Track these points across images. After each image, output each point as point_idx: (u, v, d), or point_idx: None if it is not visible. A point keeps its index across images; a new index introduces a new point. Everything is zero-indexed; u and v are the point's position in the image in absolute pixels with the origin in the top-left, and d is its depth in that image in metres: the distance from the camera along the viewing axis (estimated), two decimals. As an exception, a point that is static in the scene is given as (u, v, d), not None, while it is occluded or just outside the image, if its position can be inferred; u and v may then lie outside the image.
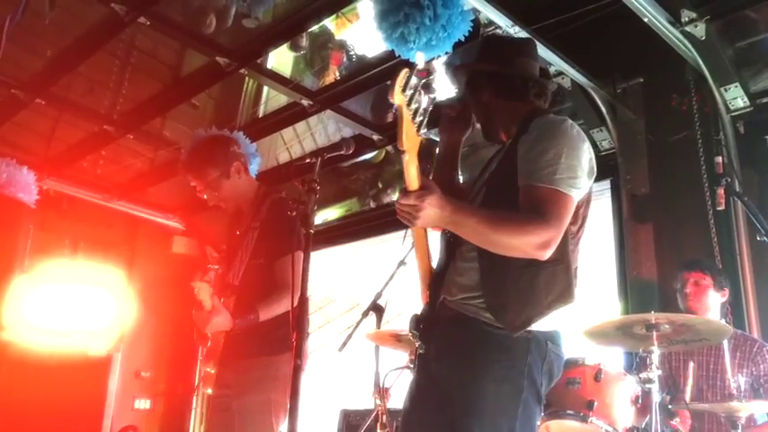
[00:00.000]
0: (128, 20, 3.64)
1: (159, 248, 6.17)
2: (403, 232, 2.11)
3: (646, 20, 3.23)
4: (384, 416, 3.10)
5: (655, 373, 2.50)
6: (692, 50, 3.42)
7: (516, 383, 1.78)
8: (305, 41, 5.42)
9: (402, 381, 3.05)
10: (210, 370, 2.88)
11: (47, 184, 5.25)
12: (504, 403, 1.77)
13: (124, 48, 5.36)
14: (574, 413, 2.68)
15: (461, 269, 1.90)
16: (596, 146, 4.13)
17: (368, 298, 3.06)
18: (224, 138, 3.04)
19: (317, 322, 7.80)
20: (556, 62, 3.66)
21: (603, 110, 4.03)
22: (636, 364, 3.11)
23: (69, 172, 5.48)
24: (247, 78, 5.63)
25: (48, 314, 4.27)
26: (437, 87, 2.02)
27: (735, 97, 3.65)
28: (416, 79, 1.62)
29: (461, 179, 2.20)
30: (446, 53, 3.05)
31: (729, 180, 2.96)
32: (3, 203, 4.41)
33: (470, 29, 3.14)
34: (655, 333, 2.51)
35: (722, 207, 2.89)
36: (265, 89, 6.00)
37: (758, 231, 2.83)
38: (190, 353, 5.84)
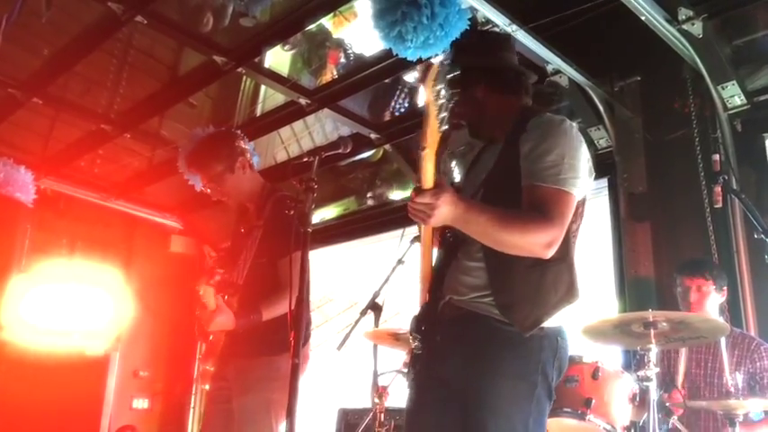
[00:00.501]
0: (125, 19, 3.63)
1: (157, 248, 6.16)
2: (401, 231, 2.12)
3: (643, 18, 3.23)
4: (382, 414, 3.10)
5: (652, 371, 2.50)
6: (690, 49, 3.43)
7: (530, 379, 1.80)
8: (297, 37, 5.38)
9: (400, 380, 3.05)
10: (210, 368, 2.89)
11: (44, 184, 5.24)
12: (518, 399, 1.79)
13: (121, 47, 5.33)
14: (572, 411, 2.68)
15: (468, 268, 1.90)
16: (594, 144, 4.13)
17: (366, 297, 3.07)
18: (229, 133, 3.06)
19: (316, 321, 7.79)
20: (553, 60, 3.66)
21: (601, 108, 4.03)
22: (634, 362, 3.12)
23: (67, 171, 5.47)
24: (245, 77, 5.60)
25: (45, 314, 4.28)
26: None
27: (732, 95, 3.65)
28: (443, 75, 1.61)
29: (457, 177, 2.20)
30: (443, 52, 3.05)
31: (726, 178, 2.96)
32: (0, 203, 4.40)
33: (468, 27, 3.14)
34: (652, 331, 2.51)
35: (719, 205, 2.90)
36: (263, 88, 5.99)
37: (755, 229, 2.83)
38: (188, 352, 5.85)
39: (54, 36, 4.43)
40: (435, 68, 1.60)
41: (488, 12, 3.24)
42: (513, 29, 3.31)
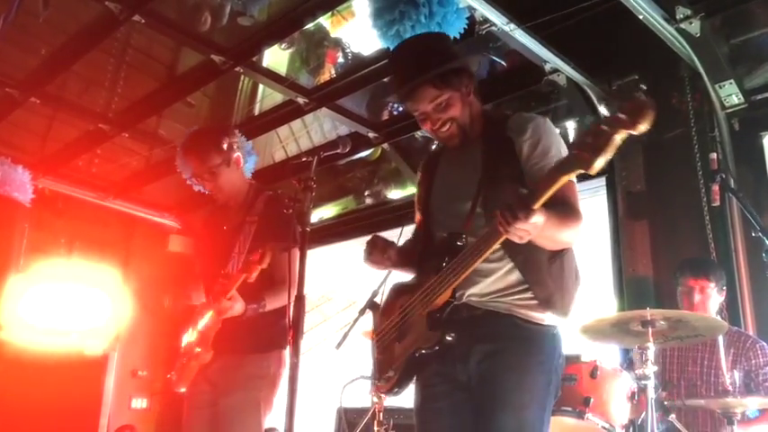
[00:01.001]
0: (122, 18, 3.63)
1: (155, 247, 6.14)
2: (399, 230, 2.13)
3: (641, 17, 3.23)
4: (381, 413, 3.11)
5: (650, 370, 2.51)
6: (687, 47, 3.43)
7: (547, 376, 1.90)
8: (295, 36, 5.38)
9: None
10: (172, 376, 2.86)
11: (42, 183, 5.23)
12: (537, 395, 1.86)
13: (119, 46, 5.33)
14: (570, 410, 2.69)
15: (484, 270, 1.92)
16: (592, 143, 4.12)
17: (364, 296, 3.07)
18: (229, 128, 3.10)
19: (314, 320, 7.80)
20: (551, 59, 3.67)
21: (599, 107, 4.04)
22: (632, 361, 3.12)
23: (65, 171, 5.45)
24: (243, 76, 5.60)
25: (44, 313, 4.27)
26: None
27: (729, 94, 3.65)
28: None
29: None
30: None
31: (724, 176, 2.98)
32: (-2, 203, 4.40)
33: (465, 26, 3.14)
34: (650, 329, 2.52)
35: (717, 203, 2.92)
36: (261, 87, 5.98)
37: (753, 227, 2.85)
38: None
39: (52, 35, 4.43)
40: None
41: (486, 11, 3.24)
42: (511, 28, 3.32)
